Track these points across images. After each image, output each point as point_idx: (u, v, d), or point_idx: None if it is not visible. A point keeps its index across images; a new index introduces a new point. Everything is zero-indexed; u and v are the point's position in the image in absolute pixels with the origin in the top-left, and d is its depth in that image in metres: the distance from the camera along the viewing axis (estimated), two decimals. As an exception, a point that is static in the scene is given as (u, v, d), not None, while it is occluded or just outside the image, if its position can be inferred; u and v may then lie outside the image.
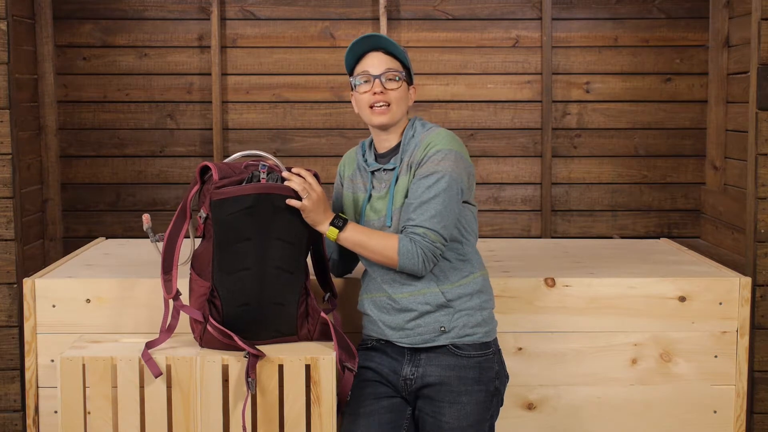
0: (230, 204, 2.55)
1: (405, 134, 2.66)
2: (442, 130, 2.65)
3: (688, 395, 3.03)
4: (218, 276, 2.60)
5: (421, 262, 2.54)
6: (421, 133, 2.65)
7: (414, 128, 2.67)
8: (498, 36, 5.00)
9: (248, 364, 2.53)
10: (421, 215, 2.53)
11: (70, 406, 2.60)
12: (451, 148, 2.58)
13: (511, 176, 5.03)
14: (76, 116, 4.98)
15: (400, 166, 2.64)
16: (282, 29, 4.99)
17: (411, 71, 2.70)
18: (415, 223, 2.54)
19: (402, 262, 2.54)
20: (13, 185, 3.26)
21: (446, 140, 2.60)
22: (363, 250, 2.59)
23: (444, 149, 2.57)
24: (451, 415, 2.58)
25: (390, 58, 2.64)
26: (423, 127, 2.68)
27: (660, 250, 3.53)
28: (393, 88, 2.62)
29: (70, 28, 4.94)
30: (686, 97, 5.02)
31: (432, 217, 2.53)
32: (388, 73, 2.62)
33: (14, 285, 3.26)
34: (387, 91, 2.62)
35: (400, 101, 2.64)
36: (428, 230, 2.53)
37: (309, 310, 2.71)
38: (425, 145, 2.60)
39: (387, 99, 2.62)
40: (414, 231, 2.54)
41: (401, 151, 2.65)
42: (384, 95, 2.61)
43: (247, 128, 5.01)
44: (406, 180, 2.61)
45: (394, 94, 2.62)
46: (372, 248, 2.57)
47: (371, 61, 2.64)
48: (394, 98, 2.62)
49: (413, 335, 2.62)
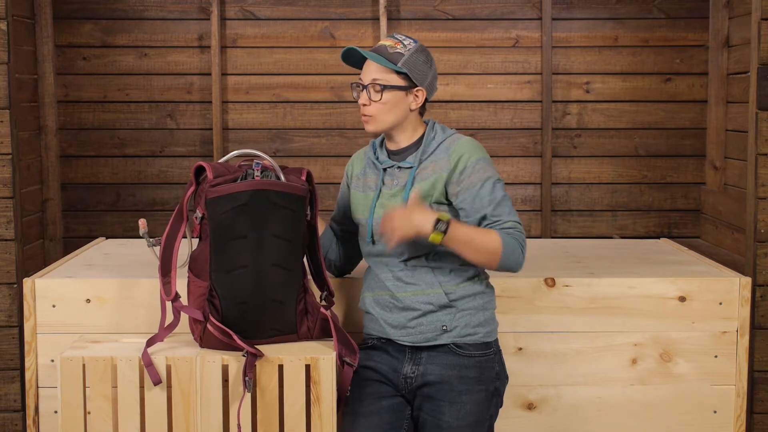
0: (225, 201, 2.56)
1: (426, 135, 2.67)
2: (464, 138, 2.66)
3: (688, 395, 3.03)
4: (216, 275, 2.60)
5: (520, 254, 2.54)
6: (443, 137, 2.66)
7: (435, 131, 2.68)
8: (498, 36, 5.00)
9: (246, 364, 2.54)
10: (503, 213, 2.57)
11: (70, 406, 2.60)
12: (483, 156, 2.63)
13: (511, 176, 5.03)
14: (76, 116, 4.98)
15: (418, 168, 2.64)
16: (282, 29, 4.99)
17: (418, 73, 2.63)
18: (503, 219, 2.56)
19: (505, 256, 2.52)
20: (13, 185, 3.26)
21: (478, 149, 2.63)
22: (467, 249, 2.53)
23: (482, 158, 2.61)
24: (450, 414, 2.58)
25: (379, 66, 2.62)
26: (444, 132, 2.69)
27: (660, 250, 3.53)
28: (376, 99, 2.62)
29: (70, 28, 4.94)
30: (686, 97, 5.02)
31: (510, 212, 2.58)
32: (373, 83, 2.62)
33: (14, 285, 3.27)
34: (371, 102, 2.62)
35: (387, 112, 2.62)
36: (516, 223, 2.57)
37: (308, 307, 2.71)
38: (456, 157, 2.60)
39: (367, 111, 2.63)
40: (506, 226, 2.55)
41: (421, 151, 2.65)
42: (367, 108, 2.63)
43: (247, 128, 5.01)
44: (428, 185, 2.60)
45: (376, 106, 2.62)
46: (477, 246, 2.52)
47: (365, 68, 2.65)
48: (374, 111, 2.62)
49: (415, 333, 2.62)
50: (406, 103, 2.64)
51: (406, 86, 2.63)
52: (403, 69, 2.61)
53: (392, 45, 2.63)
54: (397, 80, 2.62)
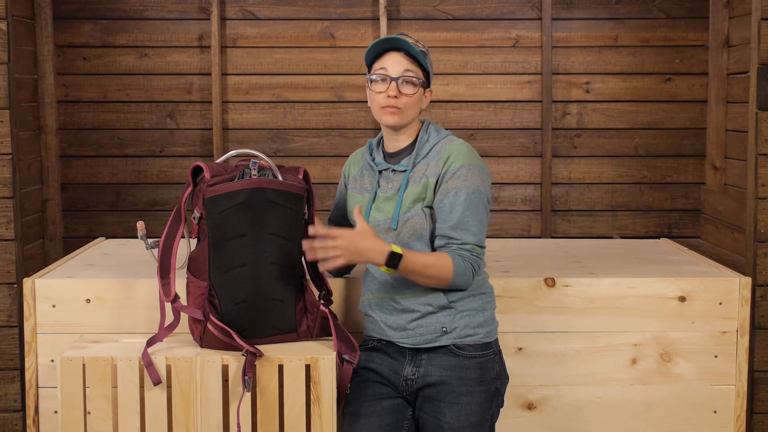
0: (223, 200, 2.56)
1: (420, 138, 2.65)
2: (458, 141, 2.65)
3: (688, 395, 3.03)
4: (215, 274, 2.60)
5: (471, 276, 2.57)
6: (436, 139, 2.65)
7: (428, 133, 2.67)
8: (498, 36, 5.00)
9: (245, 363, 2.54)
10: (464, 234, 2.55)
11: (70, 406, 2.60)
12: (474, 162, 2.59)
13: (511, 176, 5.03)
14: (76, 116, 4.98)
15: (412, 171, 2.64)
16: (282, 29, 4.99)
17: (430, 74, 2.67)
18: (462, 241, 2.56)
19: (455, 279, 2.55)
20: (13, 185, 3.26)
21: (467, 154, 2.60)
22: (418, 277, 2.56)
23: (468, 164, 2.58)
24: (451, 415, 2.58)
25: (409, 60, 2.61)
26: (437, 133, 2.67)
27: (660, 250, 3.53)
28: (408, 93, 2.60)
29: (70, 28, 4.94)
30: (686, 97, 5.02)
31: (475, 234, 2.56)
32: (406, 76, 2.60)
33: (14, 285, 3.26)
34: (401, 95, 2.60)
35: (413, 106, 2.62)
36: (475, 246, 2.56)
37: (307, 305, 2.71)
38: (445, 158, 2.59)
39: (398, 104, 2.60)
40: (463, 248, 2.55)
41: (414, 154, 2.64)
42: (397, 100, 2.60)
43: (247, 128, 5.01)
44: (418, 189, 2.60)
45: (408, 99, 2.60)
46: (429, 274, 2.54)
47: (391, 60, 2.62)
48: (406, 104, 2.61)
49: (414, 335, 2.62)
50: (422, 101, 2.66)
51: (426, 84, 2.66)
52: (428, 67, 2.64)
53: (414, 42, 2.63)
54: (422, 77, 2.64)
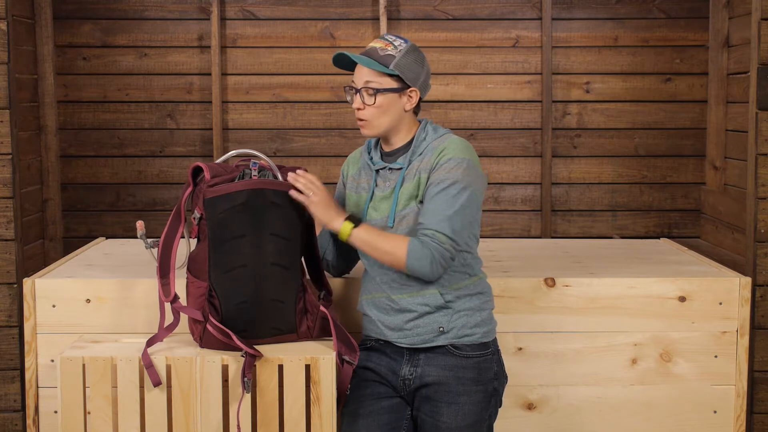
0: (223, 201, 2.56)
1: (417, 136, 2.65)
2: (454, 137, 2.63)
3: (688, 395, 3.03)
4: (215, 275, 2.60)
5: (428, 263, 2.51)
6: (433, 138, 2.64)
7: (426, 132, 2.66)
8: (498, 36, 5.00)
9: (245, 364, 2.53)
10: (431, 219, 2.52)
11: (70, 406, 2.60)
12: (464, 157, 2.57)
13: (511, 176, 5.03)
14: (76, 116, 4.98)
15: (407, 168, 2.63)
16: (282, 29, 4.99)
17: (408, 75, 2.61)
18: (425, 225, 2.53)
19: (410, 262, 2.53)
20: (13, 185, 3.26)
21: (459, 148, 2.59)
22: (372, 249, 2.58)
23: (457, 157, 2.56)
24: (449, 415, 2.58)
25: (371, 70, 2.59)
26: (435, 132, 2.66)
27: (660, 250, 3.53)
28: (369, 103, 2.60)
29: (70, 28, 4.94)
30: (686, 97, 5.02)
31: (442, 220, 2.51)
32: (365, 87, 2.60)
33: (14, 285, 3.26)
34: (365, 107, 2.60)
35: (382, 114, 2.61)
36: (437, 232, 2.51)
37: (307, 305, 2.71)
38: (438, 152, 2.58)
39: (362, 116, 2.61)
40: (423, 233, 2.53)
41: (411, 152, 2.64)
42: (362, 112, 2.61)
43: (247, 128, 5.01)
44: (412, 185, 2.60)
45: (373, 109, 2.60)
46: (381, 247, 2.55)
47: (356, 72, 2.63)
48: (372, 114, 2.60)
49: (412, 335, 2.62)
50: (400, 104, 2.63)
51: (399, 88, 2.61)
52: (395, 71, 2.59)
53: (383, 47, 2.60)
54: (389, 83, 2.59)
